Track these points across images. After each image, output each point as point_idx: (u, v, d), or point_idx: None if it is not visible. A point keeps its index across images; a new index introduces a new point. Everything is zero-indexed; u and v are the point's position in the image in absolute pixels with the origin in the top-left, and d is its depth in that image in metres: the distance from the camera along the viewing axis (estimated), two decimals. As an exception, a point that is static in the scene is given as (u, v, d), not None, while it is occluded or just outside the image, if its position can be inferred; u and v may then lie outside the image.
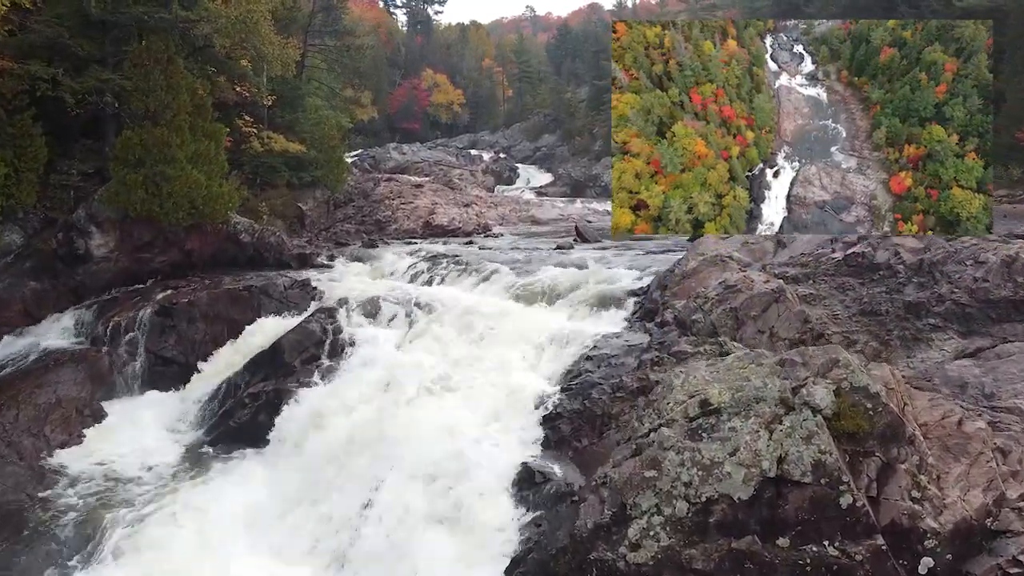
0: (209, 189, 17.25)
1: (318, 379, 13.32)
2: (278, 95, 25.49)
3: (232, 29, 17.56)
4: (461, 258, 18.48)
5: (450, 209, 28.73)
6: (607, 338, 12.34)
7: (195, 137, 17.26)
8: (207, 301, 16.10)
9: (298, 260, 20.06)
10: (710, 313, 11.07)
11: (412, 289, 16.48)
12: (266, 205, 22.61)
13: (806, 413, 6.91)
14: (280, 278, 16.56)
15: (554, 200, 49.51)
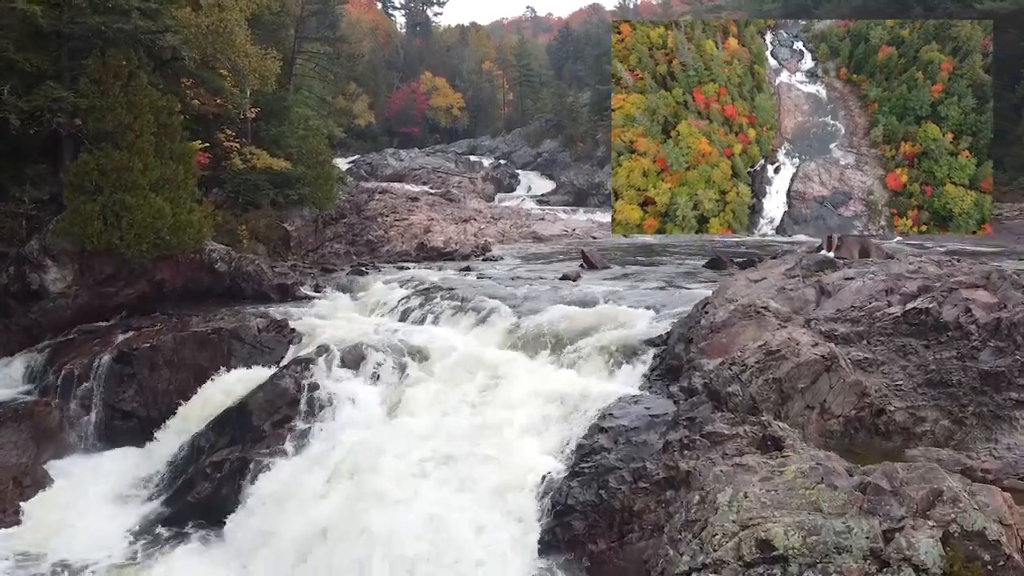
0: (176, 218, 15.54)
1: (290, 446, 11.59)
2: (262, 107, 23.77)
3: (203, 40, 15.84)
4: (456, 291, 16.74)
5: (447, 227, 27.00)
6: (624, 403, 10.61)
7: (161, 160, 15.53)
8: (172, 346, 14.37)
9: (279, 291, 18.35)
10: (749, 384, 9.32)
11: (401, 331, 14.74)
12: (246, 228, 20.89)
13: (907, 573, 5.17)
14: (254, 319, 14.81)
15: (556, 210, 47.85)
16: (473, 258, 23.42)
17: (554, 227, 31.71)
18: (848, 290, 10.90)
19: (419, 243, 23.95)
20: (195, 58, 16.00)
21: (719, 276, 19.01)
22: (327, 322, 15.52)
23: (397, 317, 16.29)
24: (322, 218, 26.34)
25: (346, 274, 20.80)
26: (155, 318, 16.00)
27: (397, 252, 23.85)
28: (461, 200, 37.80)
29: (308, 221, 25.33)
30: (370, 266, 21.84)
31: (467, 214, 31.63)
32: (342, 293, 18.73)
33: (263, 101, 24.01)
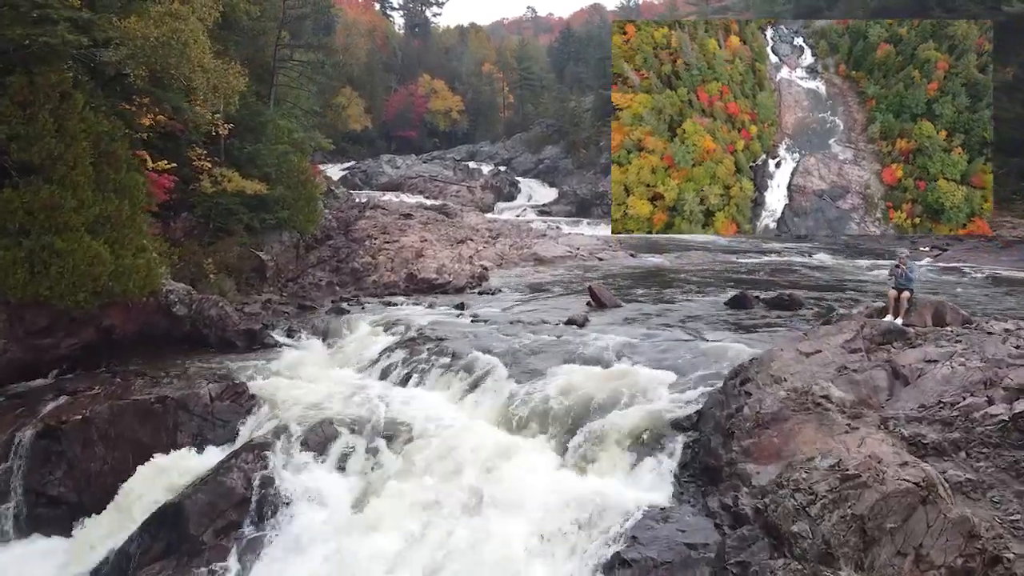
0: (120, 262, 13.34)
1: (234, 563, 9.38)
2: (236, 122, 21.53)
3: (153, 54, 13.63)
4: (446, 343, 14.54)
5: (440, 251, 24.77)
6: (651, 520, 8.45)
7: (101, 195, 13.34)
8: (108, 418, 12.15)
9: (245, 337, 16.15)
10: (820, 521, 7.10)
11: (381, 395, 12.55)
12: (213, 262, 18.65)
13: None
14: (205, 385, 12.57)
15: (558, 221, 45.61)
16: (468, 290, 21.17)
17: (557, 247, 29.45)
18: (932, 378, 8.66)
19: (408, 273, 21.70)
20: (143, 75, 13.77)
21: (744, 316, 16.85)
22: (294, 383, 13.32)
23: (377, 374, 14.10)
24: (304, 242, 24.13)
25: (325, 311, 18.59)
26: (96, 377, 13.77)
27: (384, 283, 21.60)
28: (458, 215, 35.57)
29: (288, 246, 23.11)
30: (353, 301, 19.61)
31: (463, 233, 29.39)
32: (318, 339, 16.53)
33: (238, 116, 21.78)
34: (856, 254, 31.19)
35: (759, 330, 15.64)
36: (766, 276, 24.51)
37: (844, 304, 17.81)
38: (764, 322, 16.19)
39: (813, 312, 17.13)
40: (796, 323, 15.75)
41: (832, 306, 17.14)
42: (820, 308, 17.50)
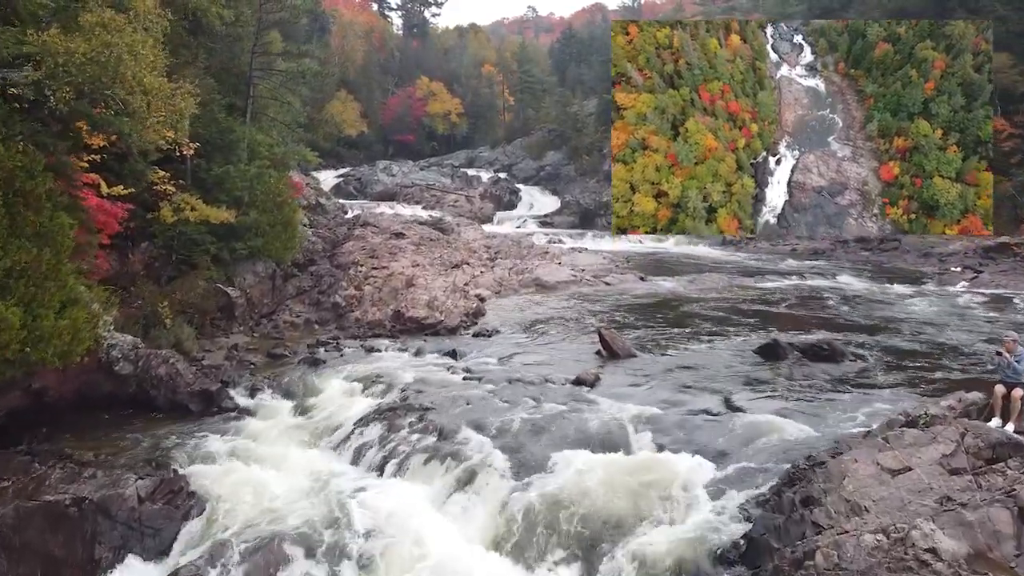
0: (37, 323, 11.03)
1: None
2: (203, 141, 19.26)
3: (79, 73, 11.35)
4: (433, 413, 12.28)
5: (433, 280, 22.47)
6: None
7: (15, 243, 11.04)
8: (12, 523, 9.82)
9: (199, 400, 13.88)
10: None
11: (350, 497, 10.23)
12: (171, 303, 16.35)
13: None
14: (133, 482, 10.26)
15: (560, 234, 43.34)
16: (462, 330, 18.84)
17: (560, 271, 27.12)
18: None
19: (396, 311, 19.37)
20: (66, 97, 11.49)
21: (779, 371, 14.57)
22: (249, 472, 11.00)
23: (349, 456, 11.80)
24: (282, 271, 21.83)
25: (298, 360, 16.28)
26: (9, 462, 11.39)
27: (369, 322, 19.28)
28: (454, 231, 33.26)
29: (262, 278, 20.81)
30: (331, 346, 17.31)
31: (459, 256, 27.08)
32: (286, 400, 14.23)
33: (205, 134, 19.51)
34: (885, 276, 28.76)
35: (800, 391, 13.38)
36: (790, 308, 22.14)
37: (892, 358, 15.53)
38: (806, 382, 13.91)
39: (858, 368, 14.83)
40: (847, 388, 13.48)
41: (882, 360, 15.02)
42: (866, 363, 15.20)
